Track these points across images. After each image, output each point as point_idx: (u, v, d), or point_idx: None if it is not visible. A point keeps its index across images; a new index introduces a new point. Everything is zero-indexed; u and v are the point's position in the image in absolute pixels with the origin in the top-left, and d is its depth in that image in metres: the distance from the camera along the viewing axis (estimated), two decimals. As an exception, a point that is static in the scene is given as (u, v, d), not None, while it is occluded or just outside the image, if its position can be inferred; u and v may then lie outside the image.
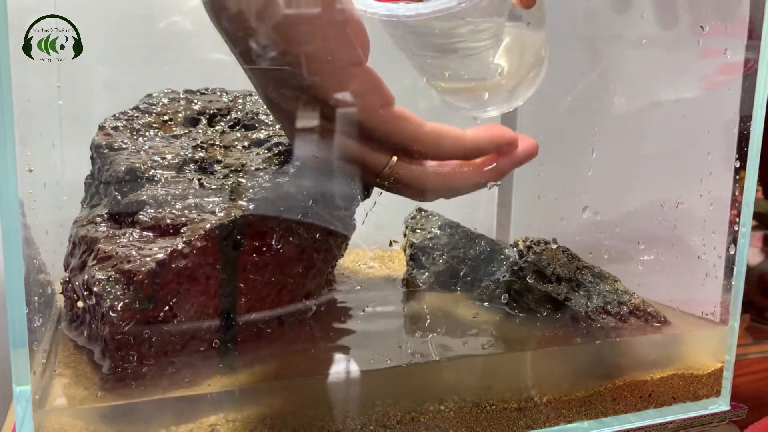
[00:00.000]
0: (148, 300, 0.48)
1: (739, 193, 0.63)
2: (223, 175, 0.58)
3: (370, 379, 0.52)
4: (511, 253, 0.70)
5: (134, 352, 0.48)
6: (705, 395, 0.63)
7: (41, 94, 0.63)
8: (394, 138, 0.52)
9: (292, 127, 0.53)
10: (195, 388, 0.47)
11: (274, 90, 0.51)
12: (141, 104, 0.64)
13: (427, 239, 0.77)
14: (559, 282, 0.65)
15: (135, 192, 0.54)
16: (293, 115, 0.52)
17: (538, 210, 0.88)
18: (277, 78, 0.49)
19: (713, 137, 0.68)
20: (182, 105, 0.65)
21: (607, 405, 0.58)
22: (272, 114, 0.58)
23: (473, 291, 0.72)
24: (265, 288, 0.57)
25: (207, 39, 0.52)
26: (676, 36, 0.68)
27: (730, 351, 0.64)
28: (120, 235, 0.51)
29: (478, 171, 0.57)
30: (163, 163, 0.57)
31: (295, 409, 0.49)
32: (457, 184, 0.58)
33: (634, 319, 0.63)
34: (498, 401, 0.54)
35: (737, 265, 0.63)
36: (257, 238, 0.55)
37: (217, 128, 0.64)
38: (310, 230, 0.60)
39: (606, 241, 0.74)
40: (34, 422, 0.42)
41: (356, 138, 0.52)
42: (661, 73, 0.73)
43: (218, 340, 0.53)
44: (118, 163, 0.56)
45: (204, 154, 0.60)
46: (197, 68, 0.72)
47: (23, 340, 0.42)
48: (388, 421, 0.50)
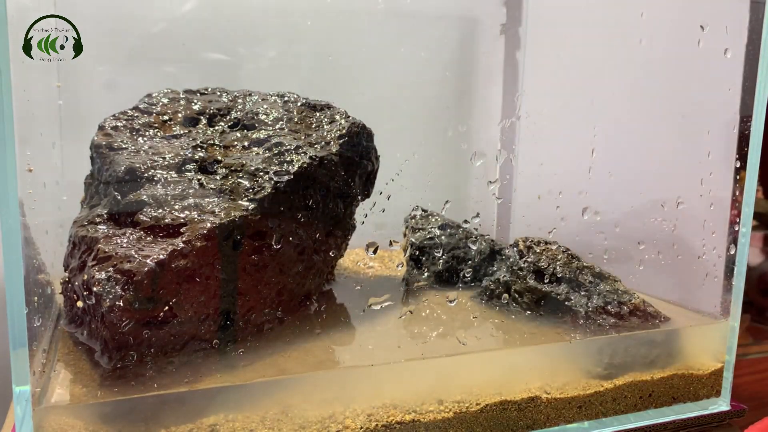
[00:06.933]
0: (147, 300, 0.48)
1: (739, 193, 0.63)
2: (223, 175, 0.58)
3: (370, 379, 0.52)
4: (511, 253, 0.70)
5: (134, 352, 0.48)
6: (705, 395, 0.63)
7: (41, 94, 0.63)
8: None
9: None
10: (195, 387, 0.47)
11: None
12: (141, 104, 0.64)
13: (427, 239, 0.77)
14: (559, 282, 0.65)
15: (135, 192, 0.54)
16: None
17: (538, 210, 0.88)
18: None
19: (713, 137, 0.68)
20: (182, 105, 0.65)
21: (607, 405, 0.58)
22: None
23: (473, 291, 0.72)
24: (265, 288, 0.57)
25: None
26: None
27: (731, 351, 0.64)
28: (120, 235, 0.51)
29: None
30: (163, 163, 0.57)
31: (296, 407, 0.49)
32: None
33: (635, 318, 0.63)
34: (498, 401, 0.54)
35: (737, 265, 0.63)
36: (257, 238, 0.55)
37: (217, 128, 0.64)
38: (310, 230, 0.60)
39: (606, 241, 0.74)
40: (34, 421, 0.42)
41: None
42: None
43: (218, 340, 0.53)
44: (117, 163, 0.56)
45: (204, 154, 0.60)
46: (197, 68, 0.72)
47: (23, 340, 0.42)
48: (389, 420, 0.50)
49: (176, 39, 0.67)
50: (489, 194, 0.72)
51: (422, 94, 0.88)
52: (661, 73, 0.74)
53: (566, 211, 0.73)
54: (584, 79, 0.80)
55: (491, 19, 0.95)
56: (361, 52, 0.78)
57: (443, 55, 0.91)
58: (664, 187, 0.73)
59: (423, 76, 0.86)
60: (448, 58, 0.91)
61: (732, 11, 0.63)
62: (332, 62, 0.78)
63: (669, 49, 0.72)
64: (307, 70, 0.79)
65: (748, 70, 0.61)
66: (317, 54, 0.79)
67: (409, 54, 0.81)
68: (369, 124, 0.67)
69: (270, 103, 0.67)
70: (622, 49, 0.75)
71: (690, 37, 0.66)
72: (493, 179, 0.72)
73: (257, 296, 0.56)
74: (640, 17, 0.70)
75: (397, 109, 0.85)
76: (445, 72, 0.90)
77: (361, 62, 0.78)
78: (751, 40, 0.60)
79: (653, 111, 0.75)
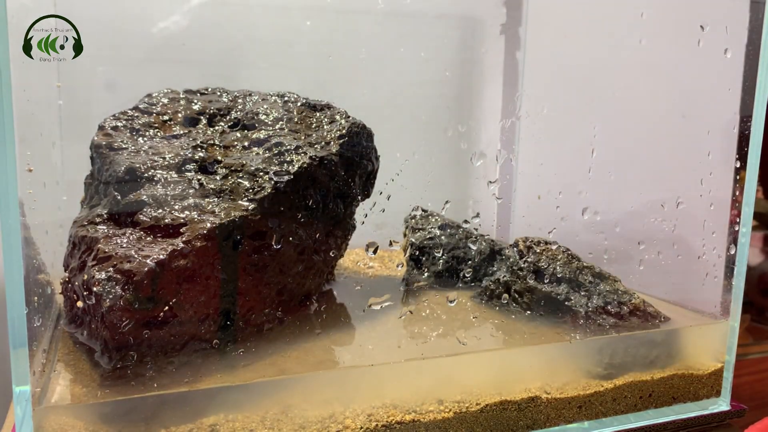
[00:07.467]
0: (147, 300, 0.48)
1: (739, 193, 0.63)
2: (223, 175, 0.58)
3: (370, 379, 0.52)
4: (511, 253, 0.70)
5: (134, 352, 0.48)
6: (705, 395, 0.63)
7: (41, 94, 0.63)
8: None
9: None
10: (195, 387, 0.47)
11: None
12: (141, 104, 0.64)
13: (427, 239, 0.77)
14: (559, 282, 0.65)
15: (135, 192, 0.54)
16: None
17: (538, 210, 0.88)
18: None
19: (713, 137, 0.68)
20: (182, 105, 0.65)
21: (607, 405, 0.58)
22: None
23: (473, 291, 0.72)
24: (265, 288, 0.57)
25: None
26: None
27: (731, 351, 0.64)
28: (120, 235, 0.51)
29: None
30: (162, 163, 0.57)
31: (296, 407, 0.49)
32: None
33: (635, 318, 0.63)
34: (498, 401, 0.54)
35: (737, 265, 0.63)
36: (257, 238, 0.55)
37: (217, 128, 0.64)
38: (310, 230, 0.60)
39: (606, 241, 0.74)
40: (34, 421, 0.42)
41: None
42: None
43: (218, 340, 0.53)
44: (117, 163, 0.56)
45: (204, 154, 0.60)
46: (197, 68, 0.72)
47: (23, 340, 0.42)
48: (389, 420, 0.50)
49: (176, 39, 0.67)
50: (489, 194, 0.72)
51: (422, 94, 0.88)
52: (661, 73, 0.74)
53: (566, 211, 0.73)
54: (584, 79, 0.80)
55: (491, 19, 0.95)
56: (361, 52, 0.78)
57: (443, 55, 0.91)
58: (664, 187, 0.73)
59: (423, 76, 0.86)
60: (448, 58, 0.91)
61: (732, 11, 0.63)
62: (332, 62, 0.78)
63: (669, 49, 0.72)
64: (307, 70, 0.79)
65: (748, 70, 0.61)
66: (317, 54, 0.79)
67: (409, 54, 0.81)
68: (369, 124, 0.68)
69: (270, 103, 0.67)
70: (622, 49, 0.75)
71: (690, 37, 0.66)
72: (493, 179, 0.72)
73: (257, 296, 0.56)
74: (640, 17, 0.70)
75: (397, 109, 0.85)
76: (445, 72, 0.90)
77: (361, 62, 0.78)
78: (751, 40, 0.60)
79: (653, 111, 0.75)
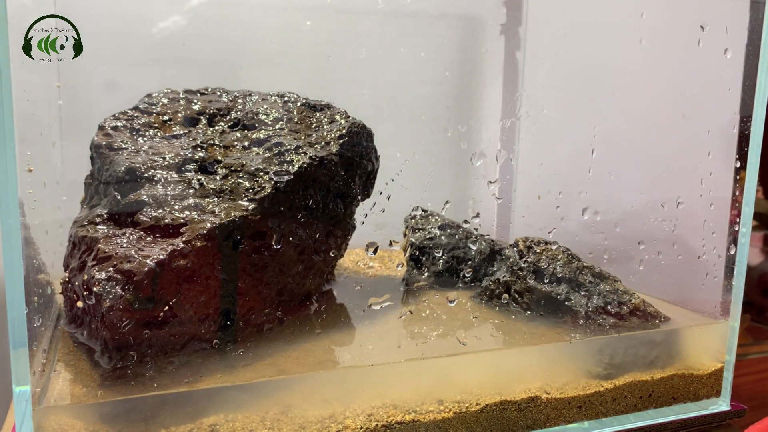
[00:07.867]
0: (147, 300, 0.48)
1: (739, 193, 0.63)
2: (223, 176, 0.58)
3: (370, 379, 0.52)
4: (511, 253, 0.70)
5: (134, 352, 0.48)
6: (705, 395, 0.63)
7: (41, 94, 0.63)
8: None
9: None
10: (195, 387, 0.47)
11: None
12: (141, 104, 0.64)
13: (427, 239, 0.77)
14: (559, 282, 0.65)
15: (135, 192, 0.54)
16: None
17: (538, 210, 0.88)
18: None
19: (713, 137, 0.68)
20: (182, 105, 0.65)
21: (607, 405, 0.58)
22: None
23: (473, 291, 0.72)
24: (265, 288, 0.57)
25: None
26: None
27: (731, 351, 0.64)
28: (120, 235, 0.51)
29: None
30: (162, 163, 0.57)
31: (296, 407, 0.49)
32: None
33: (635, 318, 0.63)
34: (498, 401, 0.54)
35: (737, 265, 0.63)
36: (257, 238, 0.55)
37: (217, 128, 0.64)
38: (310, 230, 0.60)
39: (606, 241, 0.74)
40: (34, 421, 0.42)
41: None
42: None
43: (218, 340, 0.53)
44: (117, 163, 0.56)
45: (204, 154, 0.60)
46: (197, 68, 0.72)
47: (23, 340, 0.42)
48: (389, 420, 0.50)
49: (176, 39, 0.67)
50: (489, 194, 0.72)
51: (422, 94, 0.88)
52: (661, 73, 0.74)
53: (566, 211, 0.73)
54: (584, 79, 0.80)
55: (491, 19, 0.95)
56: (361, 52, 0.78)
57: (443, 55, 0.91)
58: (664, 187, 0.73)
59: (423, 76, 0.86)
60: (448, 58, 0.91)
61: (732, 11, 0.63)
62: (332, 62, 0.78)
63: (669, 49, 0.72)
64: (307, 70, 0.79)
65: (748, 70, 0.61)
66: (317, 54, 0.79)
67: (409, 54, 0.81)
68: (369, 124, 0.67)
69: (270, 103, 0.67)
70: (622, 49, 0.75)
71: (690, 37, 0.66)
72: (493, 179, 0.72)
73: (257, 296, 0.56)
74: (640, 17, 0.70)
75: (397, 109, 0.85)
76: (445, 72, 0.90)
77: (361, 62, 0.78)
78: (751, 40, 0.60)
79: (653, 111, 0.75)
